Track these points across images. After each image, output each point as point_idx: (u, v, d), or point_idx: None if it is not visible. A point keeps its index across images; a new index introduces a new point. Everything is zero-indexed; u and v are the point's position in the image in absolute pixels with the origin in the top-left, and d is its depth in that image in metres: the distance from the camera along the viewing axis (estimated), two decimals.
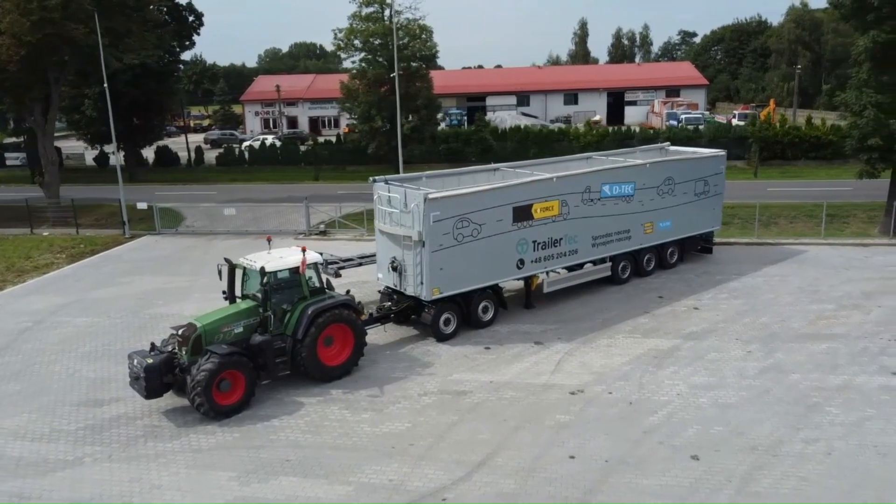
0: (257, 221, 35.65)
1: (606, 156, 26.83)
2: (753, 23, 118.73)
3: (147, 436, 15.10)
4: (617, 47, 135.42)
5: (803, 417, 14.97)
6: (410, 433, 14.87)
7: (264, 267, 16.37)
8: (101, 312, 23.25)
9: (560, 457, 13.77)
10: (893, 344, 18.52)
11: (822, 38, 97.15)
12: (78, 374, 18.42)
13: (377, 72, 45.67)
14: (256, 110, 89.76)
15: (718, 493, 12.41)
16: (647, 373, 17.34)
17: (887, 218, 30.06)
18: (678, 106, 77.56)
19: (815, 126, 51.25)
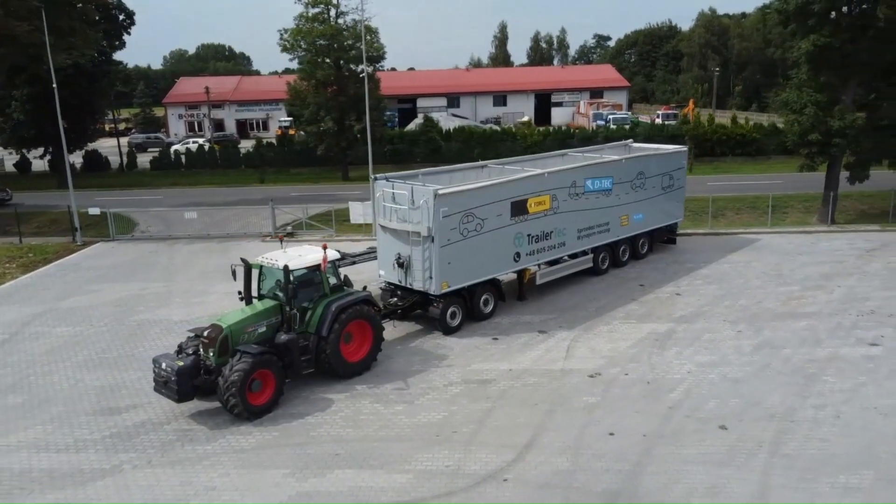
0: (218, 225, 34.85)
1: (582, 153, 27.97)
2: (665, 27, 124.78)
3: (181, 440, 14.81)
4: (535, 50, 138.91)
5: (805, 387, 16.34)
6: (449, 421, 15.25)
7: (287, 265, 16.31)
8: (81, 321, 22.32)
9: (600, 434, 14.51)
10: (862, 319, 20.35)
11: (729, 43, 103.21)
12: (82, 384, 17.72)
13: (325, 73, 45.33)
14: (180, 113, 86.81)
15: (755, 458, 13.46)
16: (653, 354, 18.38)
17: (824, 207, 32.63)
18: (604, 107, 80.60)
19: (739, 125, 54.65)
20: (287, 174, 52.97)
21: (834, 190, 32.29)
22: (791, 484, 12.60)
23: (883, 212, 34.01)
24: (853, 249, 27.87)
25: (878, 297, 22.08)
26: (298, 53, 46.49)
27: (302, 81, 47.14)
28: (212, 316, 21.92)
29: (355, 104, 46.41)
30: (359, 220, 33.81)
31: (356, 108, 46.38)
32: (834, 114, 29.97)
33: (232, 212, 36.65)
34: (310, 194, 42.93)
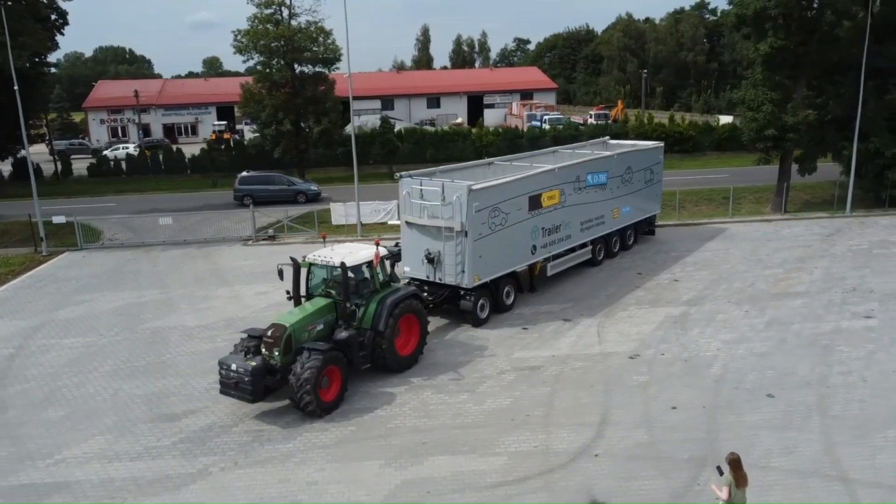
0: (190, 230, 33.84)
1: (573, 149, 29.11)
2: (582, 31, 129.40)
3: (257, 440, 14.70)
4: (458, 53, 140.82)
5: (825, 357, 17.93)
6: (517, 406, 15.84)
7: (345, 262, 16.44)
8: (87, 332, 21.44)
9: (663, 409, 15.48)
10: (849, 296, 22.36)
11: (646, 46, 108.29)
12: (122, 393, 17.17)
13: (282, 74, 44.72)
14: (102, 118, 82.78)
15: (809, 420, 14.78)
16: (679, 335, 19.60)
17: (778, 197, 35.25)
18: (536, 108, 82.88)
19: (676, 123, 57.72)
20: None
21: (787, 181, 34.94)
22: (849, 441, 13.95)
23: (824, 201, 37.05)
24: (813, 235, 30.34)
25: (853, 276, 24.26)
26: (252, 55, 45.59)
27: (256, 83, 46.28)
28: (229, 320, 21.83)
29: (313, 106, 46.10)
30: (341, 220, 33.79)
31: (314, 110, 46.07)
32: (787, 111, 32.52)
33: (201, 216, 35.63)
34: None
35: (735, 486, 10.17)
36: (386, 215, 33.97)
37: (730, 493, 10.16)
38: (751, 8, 30.74)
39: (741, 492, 10.24)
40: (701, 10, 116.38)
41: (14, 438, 15.13)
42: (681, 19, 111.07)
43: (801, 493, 12.37)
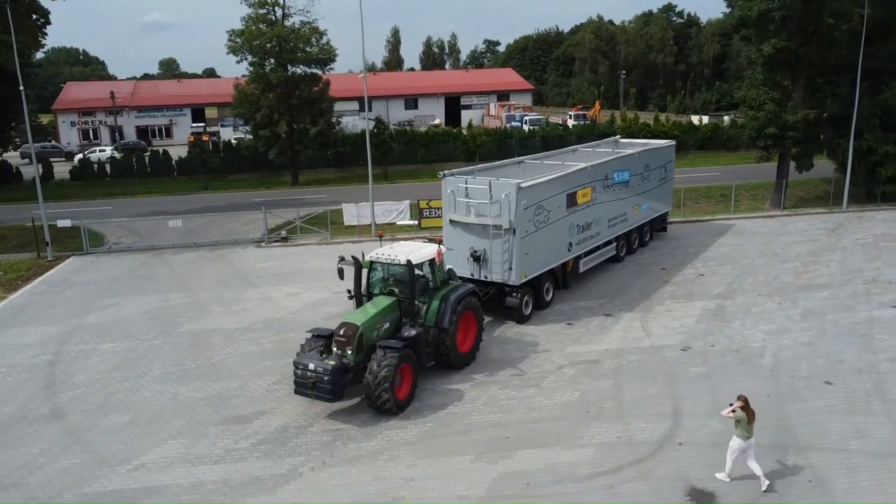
0: (198, 233, 33.27)
1: (593, 147, 29.55)
2: (553, 33, 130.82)
3: (339, 440, 14.65)
4: (428, 55, 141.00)
5: (867, 345, 18.62)
6: (586, 399, 16.08)
7: (411, 260, 16.47)
8: (123, 336, 21.01)
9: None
10: (870, 287, 23.21)
11: (617, 48, 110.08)
12: (181, 396, 16.90)
13: (278, 75, 44.25)
14: (73, 120, 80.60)
15: (871, 405, 15.36)
16: (722, 327, 20.11)
17: (777, 194, 36.30)
18: (515, 109, 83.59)
19: (661, 123, 58.86)
20: (226, 181, 51.04)
21: (785, 178, 36.01)
22: None
23: (817, 197, 38.34)
24: (817, 230, 31.35)
25: (869, 269, 25.18)
26: (246, 55, 45.04)
27: (250, 84, 45.73)
28: (267, 321, 21.71)
29: (308, 107, 45.77)
30: (352, 221, 33.64)
31: (310, 111, 45.74)
32: (787, 109, 33.53)
33: (207, 218, 35.05)
34: (275, 199, 41.95)
35: (745, 420, 12.41)
36: (398, 215, 33.93)
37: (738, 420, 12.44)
38: (755, 10, 31.61)
39: (750, 426, 12.48)
40: (668, 13, 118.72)
41: (84, 445, 14.79)
42: (650, 22, 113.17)
43: (885, 474, 12.86)
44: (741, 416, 12.42)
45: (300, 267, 28.09)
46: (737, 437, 12.55)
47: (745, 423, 12.43)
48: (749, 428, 12.45)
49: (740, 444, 12.51)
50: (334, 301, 23.57)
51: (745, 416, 12.41)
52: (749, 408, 12.48)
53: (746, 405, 12.47)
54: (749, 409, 12.48)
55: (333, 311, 22.45)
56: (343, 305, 22.93)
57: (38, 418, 15.99)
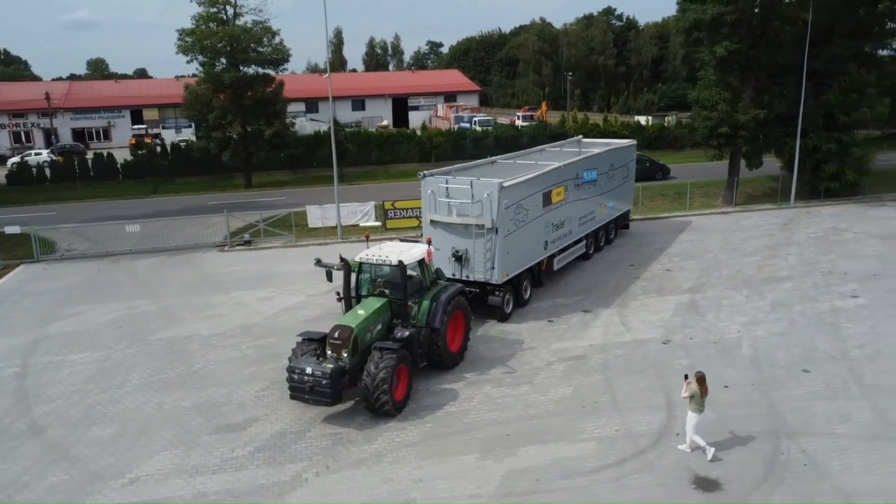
0: (157, 237, 32.17)
1: (560, 147, 29.94)
2: (495, 35, 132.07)
3: (339, 444, 14.46)
4: (371, 56, 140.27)
5: (835, 333, 19.49)
6: (580, 394, 16.32)
7: (402, 260, 16.38)
8: (93, 346, 20.19)
9: (717, 388, 16.22)
10: (829, 278, 24.29)
11: (560, 50, 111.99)
12: (167, 406, 16.36)
13: (232, 75, 43.24)
14: (2, 122, 76.80)
15: (850, 390, 16.10)
16: (698, 320, 20.71)
17: (728, 191, 37.59)
18: (463, 110, 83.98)
19: (610, 123, 60.15)
20: (176, 185, 49.58)
21: (736, 176, 37.33)
22: (893, 406, 15.31)
23: (764, 193, 39.85)
24: (770, 225, 32.63)
25: (824, 261, 26.35)
26: (196, 55, 43.87)
27: (201, 84, 44.55)
28: (244, 327, 21.26)
29: (263, 107, 44.93)
30: (317, 223, 33.18)
31: (264, 112, 44.91)
32: (739, 109, 34.80)
33: (164, 223, 33.92)
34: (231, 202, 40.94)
35: (699, 395, 13.37)
36: (363, 217, 33.66)
37: (692, 396, 13.38)
38: (709, 13, 32.67)
39: (703, 400, 13.45)
40: (608, 16, 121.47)
41: (71, 460, 14.16)
42: (590, 24, 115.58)
43: (873, 455, 13.51)
44: (695, 391, 13.39)
45: (269, 270, 27.54)
46: (691, 412, 13.56)
47: (698, 398, 13.42)
48: (702, 402, 13.46)
49: (696, 417, 13.52)
50: (310, 304, 23.24)
51: (699, 391, 13.37)
52: (704, 384, 13.49)
53: (702, 381, 13.43)
54: (704, 385, 13.48)
55: (311, 315, 22.13)
56: (320, 309, 22.69)
57: (17, 434, 15.22)
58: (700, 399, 13.43)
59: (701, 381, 13.47)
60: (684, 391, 13.65)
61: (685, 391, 13.60)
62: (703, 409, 13.52)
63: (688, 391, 13.51)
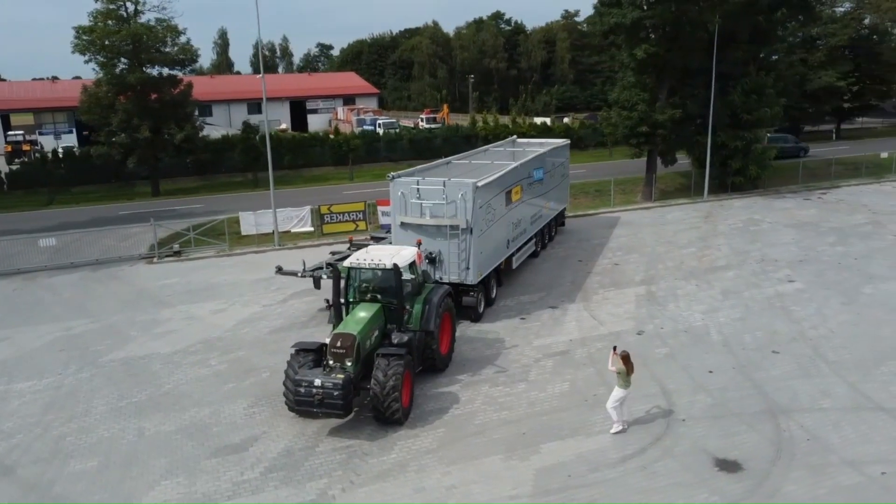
0: (72, 252, 29.54)
1: (503, 147, 30.19)
2: (387, 38, 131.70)
3: (354, 456, 13.87)
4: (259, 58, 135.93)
5: (788, 316, 20.86)
6: (578, 388, 16.55)
7: (397, 264, 15.97)
8: (39, 373, 18.30)
9: (702, 374, 17.11)
10: (763, 266, 25.98)
11: (453, 53, 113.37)
12: (150, 432, 15.07)
13: (136, 76, 40.47)
14: None
15: (819, 367, 17.27)
16: (661, 311, 21.55)
17: (647, 187, 39.45)
18: (364, 113, 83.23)
19: (518, 124, 61.46)
20: (72, 195, 45.77)
21: (654, 172, 39.24)
22: (865, 379, 16.52)
23: (676, 189, 42.13)
24: (693, 218, 34.52)
25: (753, 250, 28.18)
26: (96, 55, 40.78)
27: (101, 87, 41.43)
28: (205, 342, 20.23)
29: (172, 111, 42.46)
30: (251, 230, 31.69)
31: (174, 115, 42.45)
32: (656, 109, 36.62)
33: (74, 236, 31.10)
34: (143, 211, 38.41)
35: (625, 372, 14.18)
36: (299, 222, 32.51)
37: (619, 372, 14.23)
38: (628, 18, 34.15)
39: (629, 377, 14.26)
40: (497, 20, 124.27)
41: (57, 497, 12.74)
42: (481, 28, 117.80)
43: (864, 426, 14.55)
44: (621, 369, 14.18)
45: (211, 282, 26.02)
46: (618, 388, 14.31)
47: (624, 375, 14.21)
48: (628, 379, 14.25)
49: (622, 393, 14.28)
50: (269, 315, 22.17)
51: (625, 368, 14.16)
52: (630, 361, 14.26)
53: (626, 360, 14.21)
54: (630, 362, 14.25)
55: (275, 325, 21.13)
56: (281, 318, 21.73)
57: None
58: (626, 376, 14.20)
59: (626, 360, 14.21)
60: (610, 364, 14.56)
61: (611, 364, 14.49)
62: (628, 386, 14.26)
63: (614, 365, 14.34)
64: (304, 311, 22.36)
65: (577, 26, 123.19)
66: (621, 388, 14.29)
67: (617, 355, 14.38)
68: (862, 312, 20.89)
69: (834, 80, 57.04)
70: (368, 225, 32.78)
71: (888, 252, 27.16)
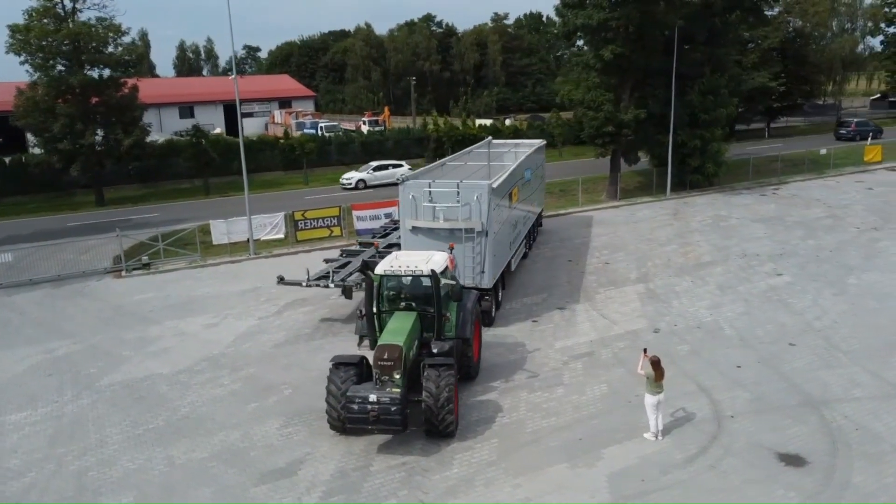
0: (27, 268, 27.28)
1: (485, 149, 29.84)
2: (317, 40, 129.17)
3: (415, 473, 13.24)
4: (183, 60, 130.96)
5: (788, 308, 21.42)
6: (617, 389, 16.40)
7: (434, 270, 15.38)
8: (28, 402, 16.79)
9: (731, 369, 17.29)
10: (748, 261, 26.66)
11: (387, 56, 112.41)
12: (180, 460, 13.94)
13: (82, 78, 37.87)
14: None
15: (837, 357, 17.75)
16: (667, 308, 21.72)
17: (612, 186, 40.02)
18: (303, 116, 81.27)
19: (468, 126, 61.33)
20: (3, 206, 42.43)
21: (618, 172, 39.86)
22: (884, 367, 17.05)
23: (634, 187, 42.94)
24: (662, 216, 35.18)
25: (732, 245, 28.89)
26: (30, 56, 37.98)
27: (37, 89, 38.58)
28: (209, 359, 19.34)
29: (119, 114, 40.07)
30: (222, 240, 30.16)
31: (121, 119, 40.07)
32: (621, 109, 37.21)
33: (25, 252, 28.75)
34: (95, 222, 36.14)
35: (653, 378, 13.86)
36: (273, 230, 31.17)
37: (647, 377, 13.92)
38: (595, 19, 34.52)
39: (659, 383, 13.96)
40: (429, 23, 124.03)
41: None
42: (414, 30, 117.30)
43: None
44: (650, 373, 13.87)
45: (191, 295, 24.55)
46: (648, 394, 14.03)
47: (652, 380, 13.90)
48: (658, 385, 13.95)
49: (651, 399, 13.98)
50: (268, 328, 21.08)
51: (653, 373, 13.86)
52: (660, 367, 14.00)
53: (656, 365, 13.92)
54: (660, 367, 13.99)
55: (279, 339, 20.11)
56: (283, 331, 20.73)
57: None
58: (654, 381, 13.89)
59: (655, 365, 13.92)
60: (640, 367, 14.23)
61: (640, 367, 14.18)
62: (659, 391, 13.94)
63: (643, 368, 14.03)
64: (303, 322, 21.38)
65: (507, 29, 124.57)
66: (649, 394, 13.99)
67: (647, 358, 14.15)
68: (856, 303, 21.68)
69: (767, 80, 59.63)
70: (343, 230, 31.85)
71: (856, 244, 28.38)
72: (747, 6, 38.71)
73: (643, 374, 14.12)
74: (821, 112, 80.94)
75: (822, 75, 69.48)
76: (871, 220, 32.27)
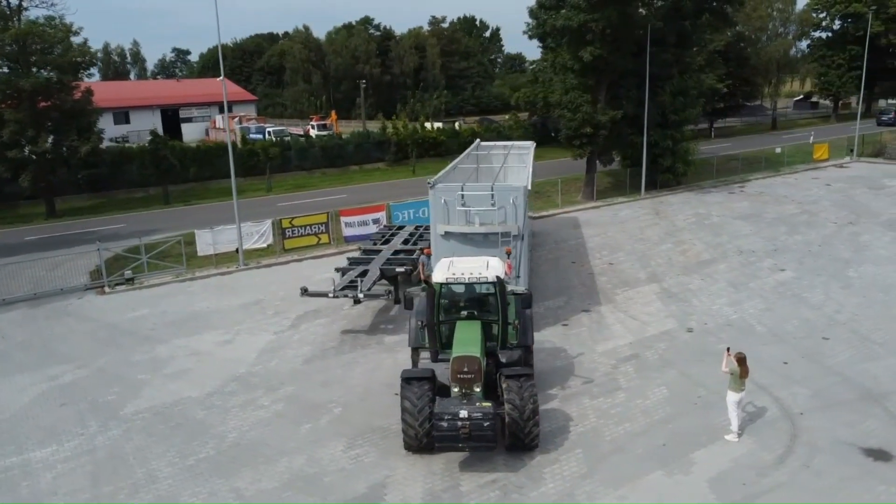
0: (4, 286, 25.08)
1: (477, 153, 29.37)
2: (251, 43, 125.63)
3: (509, 492, 12.64)
4: (107, 64, 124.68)
5: (805, 303, 21.83)
6: (678, 391, 16.20)
7: (499, 276, 14.79)
8: (50, 436, 15.22)
9: (778, 365, 17.39)
10: (748, 257, 27.15)
11: (327, 59, 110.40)
12: (248, 492, 12.86)
13: (34, 81, 35.18)
14: None
15: (872, 349, 18.14)
16: (690, 307, 21.79)
17: (588, 187, 40.28)
18: (248, 120, 78.77)
19: (427, 129, 60.76)
20: None
21: (594, 172, 40.14)
22: None
23: (606, 187, 43.36)
24: (645, 215, 35.55)
25: (725, 243, 29.39)
26: None
27: None
28: (237, 379, 18.51)
29: (73, 120, 37.51)
30: (208, 250, 28.52)
31: (76, 125, 37.53)
32: (598, 110, 37.49)
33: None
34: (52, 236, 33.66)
35: (738, 374, 13.85)
36: (260, 238, 29.72)
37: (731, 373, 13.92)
38: (575, 21, 34.60)
39: (742, 380, 13.93)
40: (366, 26, 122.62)
41: None
42: (353, 34, 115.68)
43: None
44: (735, 370, 13.88)
45: (189, 311, 23.03)
46: (730, 391, 14.01)
47: (737, 377, 13.88)
48: (742, 382, 13.92)
49: (734, 396, 13.95)
50: (289, 343, 19.97)
51: (738, 370, 13.84)
52: (745, 364, 13.93)
53: (742, 361, 13.90)
54: (745, 365, 13.92)
55: (305, 354, 19.08)
56: (307, 346, 19.73)
57: None
58: (739, 379, 13.87)
59: (741, 362, 13.90)
60: (724, 365, 14.21)
61: (725, 365, 14.16)
62: (741, 389, 13.95)
63: (727, 366, 14.01)
64: (325, 335, 20.38)
65: (445, 32, 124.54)
66: (733, 392, 13.99)
67: (731, 357, 14.14)
68: (867, 295, 22.33)
69: (714, 82, 61.58)
70: (331, 237, 30.78)
71: (840, 238, 29.38)
72: (714, 9, 39.69)
73: (727, 371, 14.02)
74: (752, 113, 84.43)
75: (761, 77, 72.30)
76: (843, 214, 33.50)
